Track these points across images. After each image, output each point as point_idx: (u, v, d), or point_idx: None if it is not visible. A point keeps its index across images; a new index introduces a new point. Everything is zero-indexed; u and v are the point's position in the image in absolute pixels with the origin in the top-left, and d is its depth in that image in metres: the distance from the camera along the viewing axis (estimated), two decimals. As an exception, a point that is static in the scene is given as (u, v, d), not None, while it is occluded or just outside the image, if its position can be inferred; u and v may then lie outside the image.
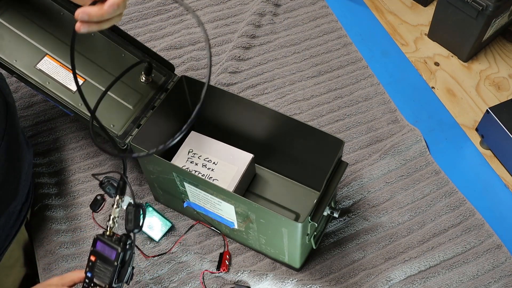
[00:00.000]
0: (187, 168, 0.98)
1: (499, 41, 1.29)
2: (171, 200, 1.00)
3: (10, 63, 0.91)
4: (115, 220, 0.77)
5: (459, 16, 1.17)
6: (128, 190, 0.74)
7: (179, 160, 1.00)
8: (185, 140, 1.03)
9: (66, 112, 0.95)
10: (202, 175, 0.91)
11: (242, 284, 0.94)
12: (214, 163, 0.99)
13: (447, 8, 1.19)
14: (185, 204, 0.94)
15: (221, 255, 0.97)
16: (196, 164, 0.99)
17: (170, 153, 1.02)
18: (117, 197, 0.77)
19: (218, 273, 0.95)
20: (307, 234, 0.85)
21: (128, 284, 0.78)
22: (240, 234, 0.94)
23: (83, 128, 1.14)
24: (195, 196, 0.89)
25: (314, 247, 0.93)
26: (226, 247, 0.98)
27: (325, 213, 0.84)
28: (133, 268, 0.78)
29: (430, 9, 1.34)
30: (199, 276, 0.95)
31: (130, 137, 0.91)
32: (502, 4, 1.11)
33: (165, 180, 0.92)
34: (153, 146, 0.86)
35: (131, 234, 0.75)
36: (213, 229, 1.00)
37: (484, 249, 0.97)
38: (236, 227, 0.91)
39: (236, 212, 0.86)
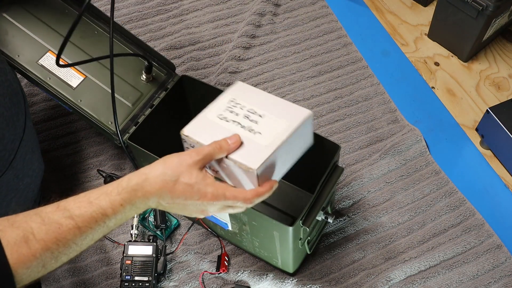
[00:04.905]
0: (224, 118, 0.81)
1: (499, 41, 1.29)
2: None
3: (13, 57, 0.92)
4: (137, 227, 0.96)
5: (459, 16, 1.17)
6: None
7: (216, 109, 0.82)
8: (229, 89, 0.85)
9: (65, 108, 0.95)
10: (241, 127, 0.81)
11: (242, 284, 0.93)
12: (259, 115, 0.81)
13: (447, 8, 1.19)
14: None
15: (219, 257, 0.96)
16: (237, 114, 0.81)
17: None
18: None
19: (218, 273, 0.95)
20: (300, 239, 0.84)
21: (165, 273, 0.94)
22: (235, 236, 0.94)
23: (83, 129, 1.14)
24: None
25: (309, 252, 0.92)
26: (223, 249, 0.98)
27: (319, 218, 0.83)
28: (165, 258, 0.93)
29: (430, 9, 1.34)
30: (199, 276, 0.95)
31: (127, 134, 0.91)
32: (502, 4, 1.11)
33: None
34: (150, 144, 0.86)
35: (158, 232, 0.97)
36: (209, 231, 0.99)
37: (484, 249, 0.97)
38: (230, 229, 0.90)
39: (229, 214, 0.85)
